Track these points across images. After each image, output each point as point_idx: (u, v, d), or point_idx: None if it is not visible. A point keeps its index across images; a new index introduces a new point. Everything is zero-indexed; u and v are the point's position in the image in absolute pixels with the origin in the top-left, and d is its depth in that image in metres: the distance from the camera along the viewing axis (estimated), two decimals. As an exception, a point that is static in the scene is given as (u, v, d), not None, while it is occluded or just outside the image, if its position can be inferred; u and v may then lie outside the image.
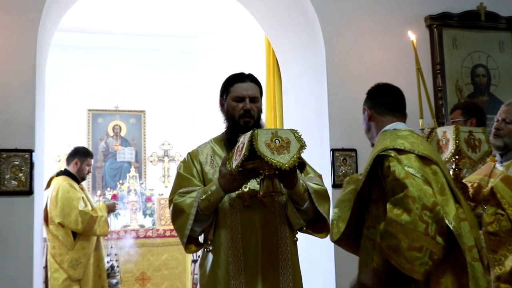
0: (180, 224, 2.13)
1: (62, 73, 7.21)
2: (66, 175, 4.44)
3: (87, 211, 4.27)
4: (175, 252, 5.79)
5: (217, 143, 2.36)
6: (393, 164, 1.95)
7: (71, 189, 4.29)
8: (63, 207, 4.21)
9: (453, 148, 2.15)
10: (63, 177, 4.41)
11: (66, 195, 4.25)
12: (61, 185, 4.29)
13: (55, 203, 4.23)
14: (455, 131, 2.18)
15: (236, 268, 2.14)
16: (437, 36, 4.05)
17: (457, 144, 2.14)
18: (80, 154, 4.51)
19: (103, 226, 4.36)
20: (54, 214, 4.22)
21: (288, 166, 1.87)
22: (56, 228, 4.25)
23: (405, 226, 1.83)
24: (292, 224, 2.24)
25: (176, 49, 7.79)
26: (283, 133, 1.93)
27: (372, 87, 2.43)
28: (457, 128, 2.20)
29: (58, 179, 4.38)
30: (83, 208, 4.25)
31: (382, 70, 3.90)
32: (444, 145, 2.22)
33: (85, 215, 4.24)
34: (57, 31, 4.09)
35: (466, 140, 2.17)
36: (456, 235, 1.89)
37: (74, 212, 4.21)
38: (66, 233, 4.26)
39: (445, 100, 3.99)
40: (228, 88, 2.32)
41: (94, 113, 7.50)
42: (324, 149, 3.77)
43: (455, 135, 2.16)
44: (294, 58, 4.35)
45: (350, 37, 3.90)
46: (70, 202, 4.23)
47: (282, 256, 2.19)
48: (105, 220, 4.40)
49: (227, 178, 2.04)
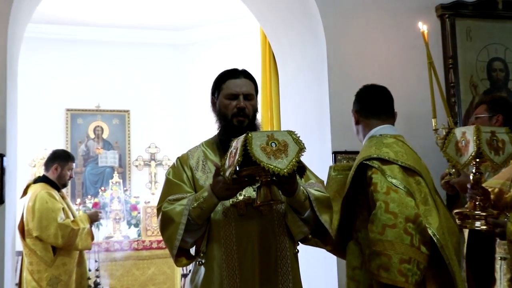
0: (169, 234, 2.12)
1: (37, 69, 7.18)
2: (45, 182, 4.37)
3: (67, 223, 4.21)
4: (163, 266, 5.77)
5: (209, 147, 2.35)
6: (375, 176, 2.21)
7: (50, 199, 4.22)
8: (41, 219, 4.15)
9: (474, 151, 2.13)
10: (41, 184, 4.34)
11: (44, 206, 4.18)
12: (39, 194, 4.22)
13: (32, 214, 4.17)
14: (476, 132, 2.16)
15: (231, 284, 2.13)
16: (450, 27, 4.04)
17: (479, 146, 2.13)
18: (60, 158, 4.44)
19: (85, 239, 4.30)
20: (32, 226, 4.16)
21: (286, 172, 1.85)
22: (33, 242, 4.18)
23: (393, 241, 2.07)
24: (293, 234, 2.22)
25: (164, 42, 7.78)
26: (280, 136, 1.92)
27: (359, 89, 2.62)
28: (478, 129, 2.18)
29: (36, 187, 4.31)
30: (63, 221, 4.19)
31: (389, 65, 3.89)
32: (463, 147, 2.20)
33: (65, 228, 4.18)
34: (30, 22, 4.06)
35: (488, 142, 2.15)
36: (440, 247, 2.12)
37: (53, 225, 4.14)
38: (45, 247, 4.19)
39: (459, 98, 3.99)
40: (220, 85, 2.31)
41: (73, 113, 7.46)
42: (325, 152, 3.76)
43: (475, 136, 2.15)
44: (292, 53, 4.34)
45: (353, 29, 3.89)
46: (48, 214, 4.16)
47: (282, 270, 2.18)
48: (88, 232, 4.35)
49: (220, 186, 2.03)
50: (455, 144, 2.27)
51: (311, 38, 4.01)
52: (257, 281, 2.13)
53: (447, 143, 2.29)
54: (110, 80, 7.51)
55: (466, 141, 2.20)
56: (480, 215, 2.19)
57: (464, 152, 2.20)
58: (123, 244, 5.77)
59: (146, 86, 7.67)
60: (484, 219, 2.17)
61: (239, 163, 1.87)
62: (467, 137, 2.20)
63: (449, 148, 2.27)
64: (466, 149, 2.19)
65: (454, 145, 2.27)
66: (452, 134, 2.30)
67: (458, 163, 2.22)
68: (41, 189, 4.27)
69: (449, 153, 2.27)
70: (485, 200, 2.21)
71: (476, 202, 2.22)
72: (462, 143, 2.23)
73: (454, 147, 2.27)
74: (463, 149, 2.21)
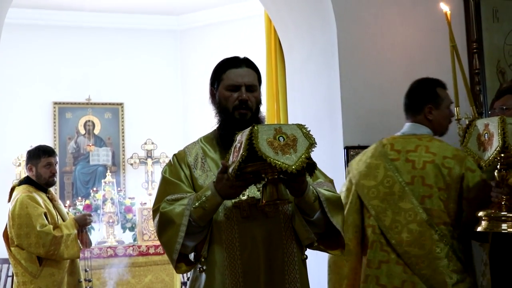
0: (169, 237, 2.12)
1: (20, 58, 7.20)
2: (29, 183, 4.37)
3: (48, 231, 4.15)
4: (161, 273, 5.80)
5: (208, 142, 2.35)
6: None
7: (30, 203, 4.17)
8: (21, 226, 4.11)
9: (499, 145, 2.10)
10: (24, 186, 4.30)
11: (24, 212, 4.13)
12: (19, 198, 4.18)
13: (11, 221, 4.17)
14: (501, 124, 2.13)
15: (235, 292, 2.13)
16: (474, 7, 4.02)
17: (504, 139, 2.10)
18: (31, 157, 4.36)
19: (71, 247, 4.25)
20: (13, 234, 4.17)
21: (295, 168, 1.85)
22: (17, 251, 4.16)
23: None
24: (300, 239, 2.22)
25: (160, 28, 7.79)
26: (289, 129, 1.92)
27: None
28: (503, 120, 2.15)
29: (19, 189, 4.31)
30: (42, 228, 4.16)
31: (407, 51, 3.89)
32: (486, 141, 2.18)
33: (46, 236, 4.13)
34: (12, 7, 4.07)
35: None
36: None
37: (33, 233, 4.10)
38: (30, 257, 4.16)
39: (484, 85, 3.98)
40: (220, 75, 2.31)
41: (61, 107, 7.49)
42: (337, 147, 3.76)
43: (500, 128, 2.12)
44: (300, 38, 4.34)
45: (367, 12, 3.88)
46: (28, 220, 4.11)
47: (289, 277, 2.17)
48: (74, 239, 4.31)
49: (224, 184, 2.03)
50: (477, 138, 2.24)
51: (320, 22, 4.01)
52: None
53: (468, 137, 2.25)
54: (102, 70, 7.53)
55: (489, 134, 2.17)
56: (507, 217, 2.17)
57: (488, 146, 2.17)
58: (117, 250, 5.80)
59: (141, 77, 7.68)
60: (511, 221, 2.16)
61: (244, 157, 1.87)
62: (490, 129, 2.17)
63: (471, 142, 2.24)
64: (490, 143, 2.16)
65: (476, 139, 2.24)
66: (473, 126, 2.26)
67: (480, 159, 2.20)
68: (23, 192, 4.26)
69: (470, 148, 2.24)
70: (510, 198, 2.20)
71: (502, 202, 2.20)
72: (485, 136, 2.20)
73: (476, 141, 2.24)
74: (486, 143, 2.18)
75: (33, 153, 4.41)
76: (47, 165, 4.33)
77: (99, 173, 7.35)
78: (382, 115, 3.79)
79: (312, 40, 4.17)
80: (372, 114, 3.78)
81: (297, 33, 4.39)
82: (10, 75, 6.66)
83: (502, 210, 2.19)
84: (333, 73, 3.84)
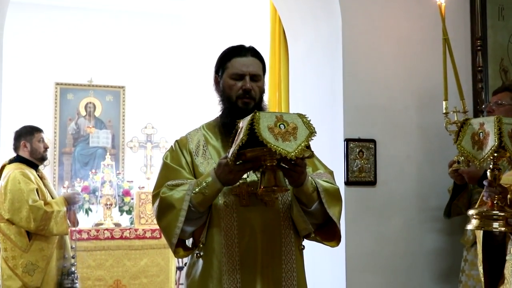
0: (168, 221, 2.13)
1: (23, 38, 7.19)
2: (20, 161, 4.43)
3: (40, 205, 4.25)
4: (156, 257, 5.82)
5: (210, 130, 2.36)
6: None
7: (23, 179, 4.27)
8: (13, 201, 4.22)
9: (495, 144, 2.10)
10: (16, 164, 4.41)
11: (16, 187, 4.24)
12: (12, 174, 4.28)
13: (4, 196, 4.24)
14: (497, 123, 2.13)
15: (231, 279, 2.15)
16: (479, 4, 4.01)
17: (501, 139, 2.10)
18: (25, 134, 4.49)
19: (61, 223, 4.34)
20: (3, 209, 4.23)
21: (294, 155, 1.87)
22: (7, 226, 4.25)
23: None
24: (298, 229, 2.24)
25: (164, 13, 7.77)
26: (289, 118, 1.94)
27: None
28: (499, 120, 2.15)
29: (10, 167, 4.38)
30: (34, 203, 4.23)
31: (410, 44, 3.90)
32: (482, 140, 2.17)
33: (37, 210, 4.22)
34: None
35: (510, 134, 2.13)
36: None
37: (25, 207, 4.20)
38: (19, 232, 4.26)
39: (486, 83, 3.98)
40: (224, 63, 2.31)
41: (63, 88, 7.49)
42: (337, 138, 3.78)
43: (497, 128, 2.11)
44: (304, 28, 4.34)
45: (372, 4, 3.88)
46: (20, 195, 4.22)
47: (286, 266, 2.20)
48: (63, 215, 4.39)
49: (223, 169, 2.05)
50: (471, 137, 2.22)
51: (325, 12, 4.01)
52: (259, 277, 2.14)
53: (462, 135, 2.23)
54: (104, 53, 7.52)
55: (485, 133, 2.16)
56: (499, 216, 2.18)
57: (483, 145, 2.16)
58: (114, 232, 5.82)
59: (144, 60, 7.68)
60: (503, 220, 2.16)
61: (244, 142, 1.89)
62: (485, 129, 2.16)
63: (465, 141, 2.23)
64: (485, 142, 2.15)
65: (470, 138, 2.23)
66: (467, 125, 2.24)
67: (474, 158, 2.19)
68: (15, 168, 4.33)
69: (464, 147, 2.22)
70: (503, 199, 2.20)
71: (494, 201, 2.20)
72: (480, 135, 2.19)
73: (471, 140, 2.22)
74: (482, 142, 2.17)
75: (25, 130, 4.52)
76: (40, 140, 4.48)
77: (99, 155, 7.36)
78: (384, 109, 3.80)
79: (316, 31, 4.17)
80: (374, 107, 3.79)
81: (302, 23, 4.38)
82: (13, 55, 6.64)
83: (494, 209, 2.20)
84: (336, 64, 3.84)
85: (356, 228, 3.70)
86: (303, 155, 1.96)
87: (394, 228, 3.77)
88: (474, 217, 2.23)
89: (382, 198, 3.76)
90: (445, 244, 3.86)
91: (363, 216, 3.73)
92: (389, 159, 3.78)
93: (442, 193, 3.67)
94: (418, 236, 3.81)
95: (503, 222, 2.16)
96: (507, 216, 2.15)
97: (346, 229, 3.63)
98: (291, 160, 1.95)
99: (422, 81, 3.89)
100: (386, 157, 3.78)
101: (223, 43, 2.42)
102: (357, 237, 3.69)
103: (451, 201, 3.48)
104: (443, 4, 3.41)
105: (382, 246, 3.74)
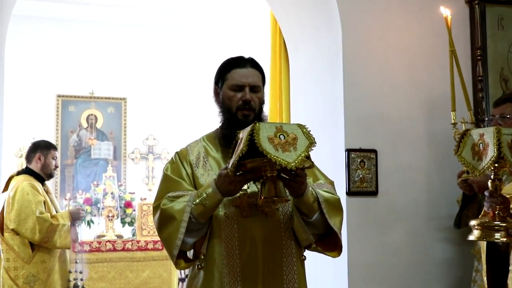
0: (169, 233, 2.13)
1: (25, 50, 7.22)
2: (28, 173, 4.47)
3: (46, 217, 4.28)
4: (159, 269, 5.81)
5: (211, 141, 2.36)
6: None
7: (32, 191, 4.32)
8: (20, 211, 4.24)
9: (494, 155, 2.10)
10: (24, 176, 4.45)
11: (25, 198, 4.27)
12: (21, 185, 4.32)
13: (11, 206, 4.26)
14: (496, 134, 2.13)
15: (232, 291, 2.15)
16: (479, 14, 4.02)
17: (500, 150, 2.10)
18: (42, 147, 4.56)
19: (64, 237, 4.37)
20: (9, 218, 4.25)
21: (294, 165, 1.88)
22: (11, 236, 4.28)
23: None
24: (299, 240, 2.24)
25: (164, 25, 7.80)
26: (289, 128, 1.95)
27: None
28: (498, 130, 2.15)
29: (19, 179, 4.42)
30: (41, 215, 4.26)
31: (412, 55, 3.89)
32: (482, 151, 2.18)
33: (43, 222, 4.25)
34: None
35: (510, 145, 2.13)
36: None
37: (31, 218, 4.23)
38: (23, 242, 4.28)
39: (487, 93, 3.97)
40: (224, 74, 2.32)
41: (65, 100, 7.51)
42: (338, 149, 3.77)
43: (496, 138, 2.12)
44: (305, 39, 4.35)
45: (372, 14, 3.88)
46: (28, 206, 4.26)
47: (288, 278, 2.19)
48: (67, 230, 4.42)
49: (223, 180, 2.05)
50: (471, 147, 2.23)
51: (326, 23, 4.01)
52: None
53: (462, 146, 2.24)
54: (106, 65, 7.55)
55: (484, 144, 2.17)
56: (500, 226, 2.17)
57: (482, 156, 2.17)
58: (116, 244, 5.82)
59: (145, 72, 7.70)
60: (504, 230, 2.16)
61: (244, 152, 1.89)
62: (485, 139, 2.17)
63: (465, 151, 2.23)
64: (485, 153, 2.15)
65: (470, 149, 2.23)
66: (468, 136, 2.25)
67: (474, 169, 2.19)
68: (24, 180, 4.37)
69: (464, 157, 2.23)
70: (505, 209, 2.20)
71: (495, 211, 2.20)
72: (479, 146, 2.19)
73: (471, 150, 2.23)
74: (482, 153, 2.17)
75: (43, 144, 4.64)
76: (54, 157, 4.57)
77: (100, 167, 7.37)
78: (385, 119, 3.80)
79: (317, 41, 4.18)
80: (375, 117, 3.79)
81: (302, 34, 4.39)
82: (15, 67, 6.67)
83: (495, 220, 2.19)
84: (337, 75, 3.84)
85: (358, 238, 3.68)
86: (303, 166, 1.96)
87: (397, 238, 3.76)
88: (475, 227, 2.22)
89: (384, 208, 3.75)
90: (455, 254, 3.82)
91: (365, 226, 3.71)
92: (391, 169, 3.77)
93: (450, 203, 3.64)
94: (423, 246, 3.79)
95: (505, 232, 2.15)
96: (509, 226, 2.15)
97: (348, 239, 3.62)
98: (291, 171, 1.95)
99: (423, 91, 3.89)
100: (388, 167, 3.77)
101: (223, 55, 2.42)
102: (359, 248, 3.67)
103: (460, 211, 3.45)
104: (449, 16, 3.41)
105: (384, 256, 3.72)
